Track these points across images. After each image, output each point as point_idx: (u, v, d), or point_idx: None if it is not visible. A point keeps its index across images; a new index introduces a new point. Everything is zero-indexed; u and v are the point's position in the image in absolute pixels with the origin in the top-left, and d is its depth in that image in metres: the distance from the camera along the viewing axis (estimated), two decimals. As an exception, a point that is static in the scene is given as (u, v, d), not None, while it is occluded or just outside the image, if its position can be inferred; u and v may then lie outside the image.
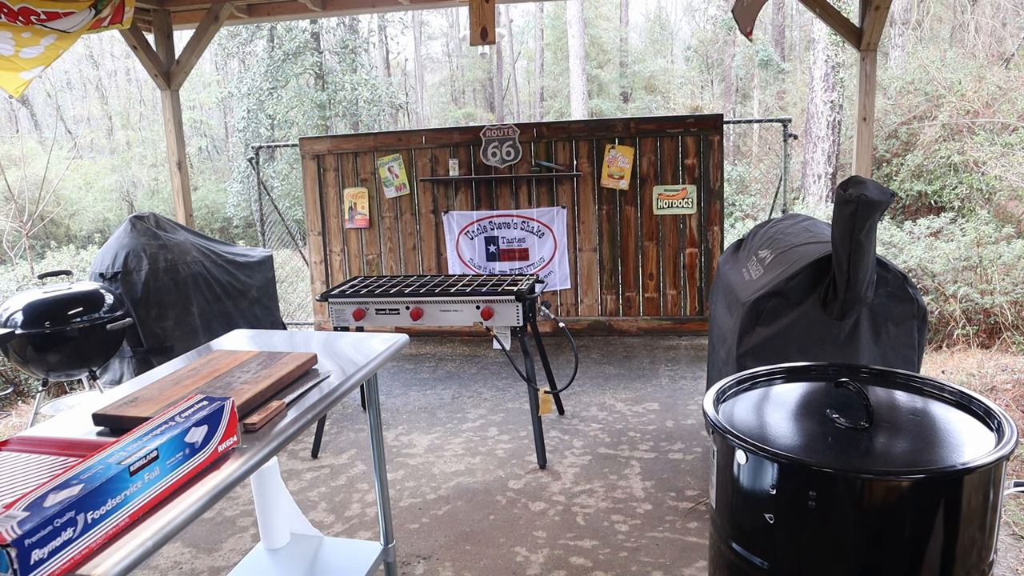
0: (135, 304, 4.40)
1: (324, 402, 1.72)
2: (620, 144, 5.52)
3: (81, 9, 3.87)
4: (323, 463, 3.77)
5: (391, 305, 3.73)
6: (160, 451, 1.26)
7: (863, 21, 4.58)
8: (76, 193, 14.96)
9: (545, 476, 3.51)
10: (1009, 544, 2.81)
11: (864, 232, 2.64)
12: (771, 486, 1.65)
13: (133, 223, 4.66)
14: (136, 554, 1.12)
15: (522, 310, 3.61)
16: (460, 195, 5.81)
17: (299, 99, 15.39)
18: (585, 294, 5.78)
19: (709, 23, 21.01)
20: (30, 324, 3.75)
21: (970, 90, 9.96)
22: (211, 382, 1.74)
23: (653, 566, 2.74)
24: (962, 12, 13.01)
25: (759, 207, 11.96)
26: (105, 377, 4.61)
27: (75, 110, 19.12)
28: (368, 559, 2.24)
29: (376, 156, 5.87)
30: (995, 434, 1.68)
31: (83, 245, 10.12)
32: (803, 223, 3.54)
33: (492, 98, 23.28)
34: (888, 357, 2.90)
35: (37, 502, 1.07)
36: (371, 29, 19.64)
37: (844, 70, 10.68)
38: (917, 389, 1.99)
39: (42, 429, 1.62)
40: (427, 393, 4.76)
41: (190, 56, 5.29)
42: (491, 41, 4.22)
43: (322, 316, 6.23)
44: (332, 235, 6.10)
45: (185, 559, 2.95)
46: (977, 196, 8.81)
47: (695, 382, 4.72)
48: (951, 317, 5.87)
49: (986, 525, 1.62)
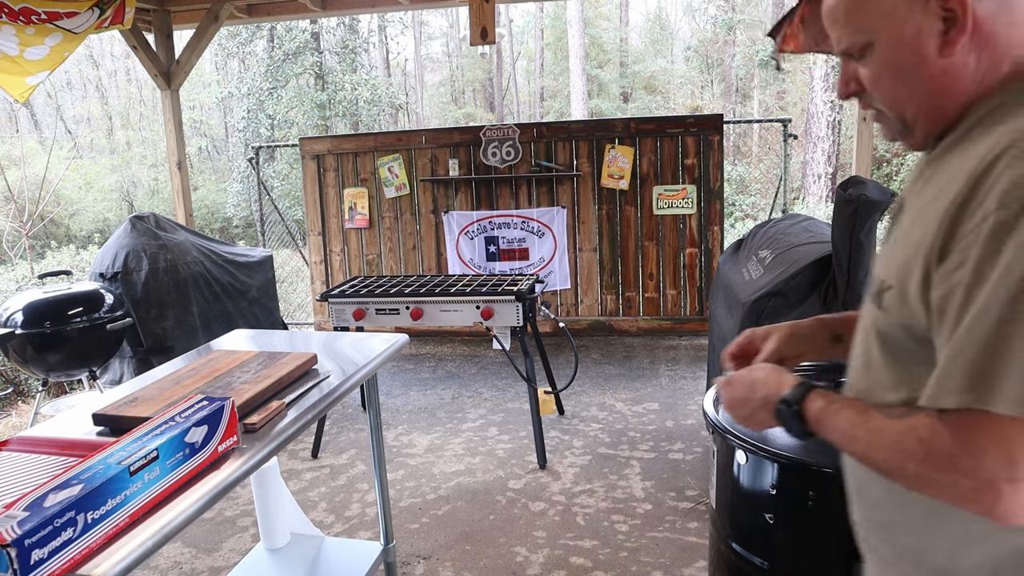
0: (135, 304, 4.40)
1: (324, 402, 1.72)
2: (620, 144, 5.52)
3: (83, 9, 3.87)
4: (323, 463, 3.77)
5: (391, 305, 3.73)
6: (160, 451, 1.26)
7: (863, 21, 4.57)
8: (76, 193, 14.97)
9: (545, 476, 3.51)
10: (1009, 544, 2.81)
11: (864, 232, 2.64)
12: (771, 486, 1.65)
13: (133, 223, 4.66)
14: (136, 554, 1.12)
15: (522, 310, 3.61)
16: (460, 195, 5.81)
17: (299, 99, 15.39)
18: (585, 294, 5.79)
19: (709, 23, 21.01)
20: (30, 324, 3.75)
21: (970, 90, 9.96)
22: (211, 382, 1.74)
23: (653, 566, 2.74)
24: (962, 12, 13.01)
25: (759, 207, 11.96)
26: (105, 377, 4.61)
27: (75, 110, 19.12)
28: (368, 559, 2.24)
29: (376, 156, 5.87)
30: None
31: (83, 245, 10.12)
32: (803, 223, 3.54)
33: (492, 98, 23.29)
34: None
35: (37, 502, 1.07)
36: (371, 29, 19.64)
37: (844, 70, 10.67)
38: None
39: (42, 429, 1.62)
40: (427, 393, 4.76)
41: (190, 56, 5.29)
42: (491, 41, 4.22)
43: (322, 316, 6.23)
44: (332, 235, 6.10)
45: (185, 559, 2.95)
46: (977, 196, 8.81)
47: (695, 382, 4.72)
48: (951, 317, 5.87)
49: (986, 525, 1.62)
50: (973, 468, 0.77)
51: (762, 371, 1.08)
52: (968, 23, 0.86)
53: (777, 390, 1.02)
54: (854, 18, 0.92)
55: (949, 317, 0.80)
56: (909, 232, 0.90)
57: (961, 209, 0.80)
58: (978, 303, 0.76)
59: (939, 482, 0.81)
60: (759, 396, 1.04)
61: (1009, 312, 0.74)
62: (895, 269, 0.91)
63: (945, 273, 0.81)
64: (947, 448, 0.79)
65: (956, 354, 0.79)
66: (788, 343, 1.21)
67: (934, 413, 0.81)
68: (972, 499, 0.79)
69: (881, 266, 0.98)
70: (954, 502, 0.81)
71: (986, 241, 0.77)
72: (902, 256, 0.89)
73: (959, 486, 0.79)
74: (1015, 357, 0.74)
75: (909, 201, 0.97)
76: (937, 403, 0.80)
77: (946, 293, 0.81)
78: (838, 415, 0.93)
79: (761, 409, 1.04)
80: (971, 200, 0.79)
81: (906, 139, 0.98)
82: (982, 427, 0.77)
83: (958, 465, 0.78)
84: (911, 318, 0.88)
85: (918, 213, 0.90)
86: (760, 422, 1.06)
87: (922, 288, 0.85)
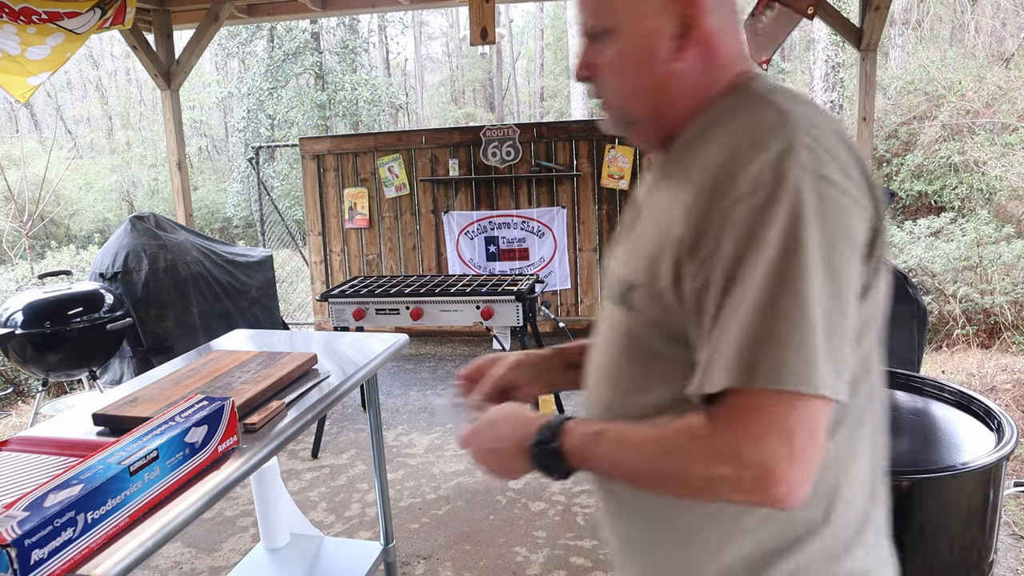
0: (135, 304, 4.40)
1: (324, 402, 1.72)
2: (620, 144, 5.51)
3: (84, 9, 3.87)
4: (323, 463, 3.77)
5: (391, 305, 3.73)
6: (160, 451, 1.26)
7: (863, 21, 4.58)
8: (76, 193, 14.95)
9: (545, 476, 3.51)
10: (1009, 544, 2.81)
11: (864, 232, 2.64)
12: (771, 486, 1.65)
13: (133, 223, 4.66)
14: (136, 554, 1.12)
15: (522, 310, 3.60)
16: (460, 195, 5.81)
17: (299, 99, 15.38)
18: (585, 294, 5.78)
19: (709, 23, 21.00)
20: (30, 324, 3.75)
21: (970, 90, 9.96)
22: (211, 382, 1.74)
23: (653, 566, 2.74)
24: (962, 12, 13.01)
25: (759, 207, 11.94)
26: (105, 377, 4.61)
27: (75, 110, 19.12)
28: (368, 559, 2.24)
29: (376, 156, 5.87)
30: (995, 434, 1.68)
31: (83, 245, 10.13)
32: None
33: (492, 98, 23.28)
34: (888, 357, 2.90)
35: (37, 502, 1.07)
36: (371, 29, 19.63)
37: (844, 70, 10.68)
38: (917, 389, 1.99)
39: (42, 429, 1.62)
40: (427, 393, 4.76)
41: (190, 56, 5.29)
42: (491, 41, 4.22)
43: (322, 316, 6.23)
44: (332, 235, 6.10)
45: (185, 559, 2.95)
46: (977, 196, 8.81)
47: (695, 382, 4.72)
48: (951, 317, 5.87)
49: (986, 525, 1.62)
50: (756, 454, 0.74)
51: (503, 417, 0.99)
52: (700, 33, 0.89)
53: (526, 432, 0.93)
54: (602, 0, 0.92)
55: (708, 306, 0.79)
56: (651, 230, 0.89)
57: (709, 198, 0.80)
58: (737, 286, 0.76)
59: (725, 479, 0.76)
60: (508, 445, 0.95)
61: (768, 292, 0.74)
62: (642, 268, 0.89)
63: (698, 263, 0.80)
64: (726, 438, 0.76)
65: (719, 339, 0.77)
66: (517, 371, 1.16)
67: (704, 410, 0.79)
68: (756, 489, 0.75)
69: (622, 267, 0.95)
70: (738, 498, 0.77)
71: (739, 226, 0.76)
72: (647, 254, 0.88)
73: (742, 480, 0.75)
74: (779, 333, 0.74)
75: (647, 202, 0.97)
76: (704, 388, 0.78)
77: (703, 282, 0.79)
78: (601, 441, 0.87)
79: (514, 458, 0.95)
80: (718, 189, 0.79)
81: (634, 135, 0.98)
82: (756, 409, 0.75)
83: (742, 456, 0.75)
84: (665, 314, 0.86)
85: (660, 210, 0.89)
86: (517, 471, 0.96)
87: (674, 282, 0.83)
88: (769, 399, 0.74)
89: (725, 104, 0.89)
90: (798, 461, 0.74)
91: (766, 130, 0.80)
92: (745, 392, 0.75)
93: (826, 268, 0.75)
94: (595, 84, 0.97)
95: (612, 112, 0.97)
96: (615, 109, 0.97)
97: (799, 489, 0.75)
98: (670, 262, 0.83)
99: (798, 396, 0.74)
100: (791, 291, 0.74)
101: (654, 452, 0.82)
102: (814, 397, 0.74)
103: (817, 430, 0.75)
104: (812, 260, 0.75)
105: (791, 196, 0.75)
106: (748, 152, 0.79)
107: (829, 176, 0.78)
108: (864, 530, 0.90)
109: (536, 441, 0.92)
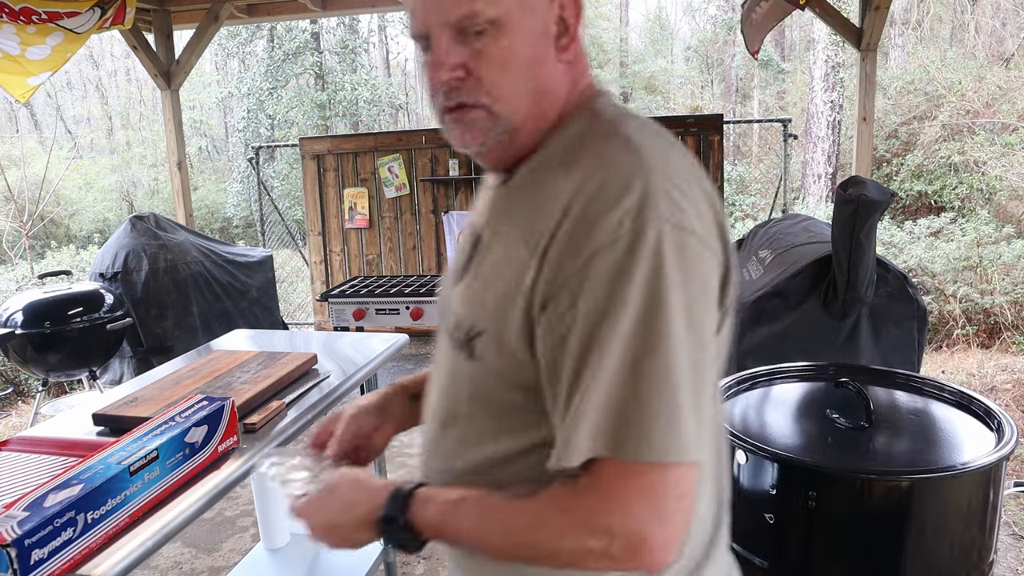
0: (135, 304, 4.40)
1: (324, 402, 1.73)
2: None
3: (84, 9, 3.87)
4: (323, 463, 3.76)
5: (391, 305, 3.73)
6: (160, 451, 1.26)
7: (863, 21, 4.57)
8: (76, 193, 14.95)
9: (545, 476, 3.50)
10: (1009, 544, 2.81)
11: (864, 232, 2.64)
12: (771, 486, 1.65)
13: (133, 223, 4.66)
14: (136, 554, 1.12)
15: (522, 310, 3.60)
16: (460, 195, 5.81)
17: (299, 99, 15.38)
18: (585, 294, 5.78)
19: (709, 23, 21.01)
20: (30, 324, 3.75)
21: (970, 90, 9.96)
22: (211, 382, 1.74)
23: (653, 566, 2.73)
24: (962, 12, 13.01)
25: (759, 207, 11.95)
26: (105, 377, 4.61)
27: (75, 110, 19.12)
28: (368, 559, 2.24)
29: (376, 156, 5.87)
30: (995, 434, 1.68)
31: (83, 245, 10.12)
32: (803, 223, 3.54)
33: (492, 98, 23.26)
34: (888, 357, 2.90)
35: (37, 502, 1.07)
36: (371, 29, 19.63)
37: (844, 70, 10.68)
38: (917, 389, 1.99)
39: (42, 429, 1.62)
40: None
41: (190, 56, 5.28)
42: (491, 41, 4.21)
43: (322, 316, 6.23)
44: (332, 235, 6.10)
45: (185, 559, 2.95)
46: (977, 196, 8.81)
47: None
48: (951, 317, 5.87)
49: (986, 525, 1.62)
50: (627, 525, 0.71)
51: (345, 485, 0.90)
52: (574, 35, 0.85)
53: (372, 503, 0.84)
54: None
55: (565, 365, 0.74)
56: (498, 272, 0.81)
57: (564, 249, 0.74)
58: (597, 347, 0.71)
59: (596, 551, 0.72)
60: (350, 519, 0.86)
61: (630, 354, 0.70)
62: (487, 313, 0.81)
63: (554, 318, 0.74)
64: (595, 509, 0.72)
65: (580, 406, 0.72)
66: (359, 420, 1.08)
67: (568, 479, 0.74)
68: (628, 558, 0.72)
69: (463, 306, 0.86)
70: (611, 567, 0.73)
71: (597, 281, 0.72)
72: (493, 297, 0.81)
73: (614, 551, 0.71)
74: (643, 397, 0.70)
75: (492, 234, 0.86)
76: (571, 460, 0.73)
77: (558, 340, 0.74)
78: (460, 514, 0.80)
79: (358, 532, 0.86)
80: (575, 238, 0.74)
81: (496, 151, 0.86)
82: (624, 478, 0.71)
83: (612, 527, 0.71)
84: (514, 365, 0.79)
85: (508, 249, 0.81)
86: (362, 543, 0.88)
87: (523, 334, 0.78)
88: (637, 468, 0.71)
89: (575, 129, 0.84)
90: (670, 526, 0.72)
91: (621, 172, 0.75)
92: (610, 462, 0.72)
93: (688, 322, 0.72)
94: (461, 89, 0.83)
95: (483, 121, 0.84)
96: (490, 116, 0.83)
97: (670, 552, 0.73)
98: (520, 313, 0.77)
99: (666, 464, 0.71)
100: (653, 352, 0.70)
101: (521, 527, 0.77)
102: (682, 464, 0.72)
103: (686, 493, 0.73)
104: (674, 317, 0.71)
105: (651, 250, 0.71)
106: (605, 199, 0.73)
107: (688, 226, 0.74)
108: (710, 551, 0.88)
109: (383, 516, 0.83)
